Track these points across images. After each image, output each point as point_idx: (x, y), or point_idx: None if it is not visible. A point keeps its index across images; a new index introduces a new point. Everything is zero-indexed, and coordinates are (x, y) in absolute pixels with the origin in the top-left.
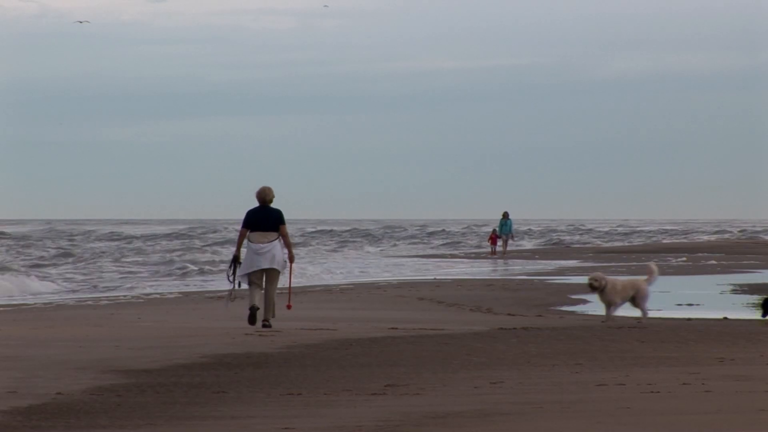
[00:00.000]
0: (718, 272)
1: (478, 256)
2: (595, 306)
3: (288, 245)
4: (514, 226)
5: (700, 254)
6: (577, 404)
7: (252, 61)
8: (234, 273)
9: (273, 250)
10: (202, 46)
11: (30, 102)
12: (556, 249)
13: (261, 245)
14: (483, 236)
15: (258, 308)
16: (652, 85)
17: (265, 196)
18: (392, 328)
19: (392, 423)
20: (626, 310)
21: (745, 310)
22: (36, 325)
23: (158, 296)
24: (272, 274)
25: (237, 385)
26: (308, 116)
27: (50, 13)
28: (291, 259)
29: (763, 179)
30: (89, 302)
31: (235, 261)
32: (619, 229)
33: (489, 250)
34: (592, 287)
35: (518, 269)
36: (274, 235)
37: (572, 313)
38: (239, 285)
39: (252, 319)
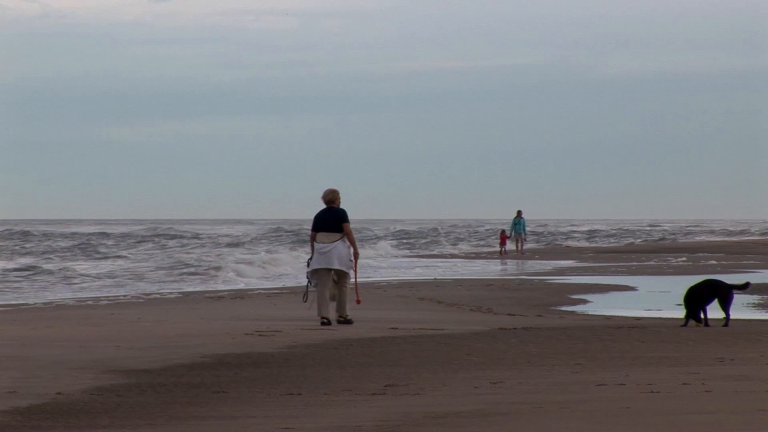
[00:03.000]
0: (718, 272)
1: (478, 256)
2: (595, 306)
3: (352, 243)
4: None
5: (700, 254)
6: (577, 404)
7: (253, 61)
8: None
9: (334, 250)
10: (203, 46)
11: (31, 102)
12: (555, 249)
13: (323, 245)
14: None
15: (327, 318)
16: (652, 85)
17: (326, 197)
18: (392, 328)
19: (392, 423)
20: (627, 310)
21: (745, 310)
22: (36, 325)
23: (158, 296)
24: (339, 273)
25: (237, 385)
26: (309, 116)
27: (52, 14)
28: (356, 256)
29: (763, 179)
30: (89, 302)
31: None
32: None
33: (498, 249)
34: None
35: (518, 269)
36: (337, 235)
37: (572, 313)
38: (312, 285)
39: (325, 325)
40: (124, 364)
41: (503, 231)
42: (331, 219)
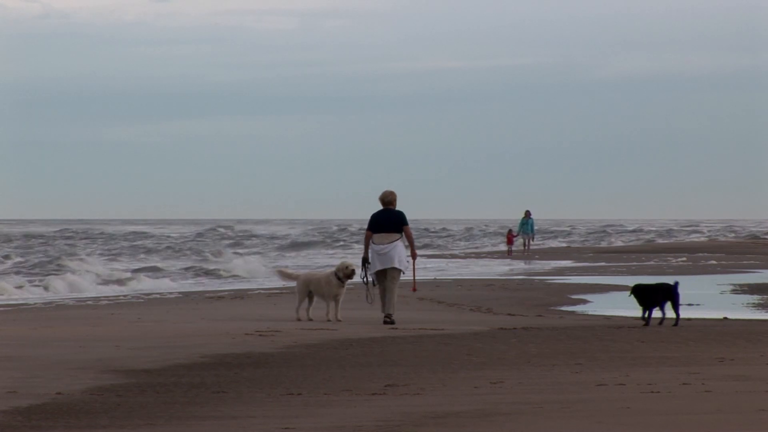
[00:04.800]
0: (718, 272)
1: (478, 255)
2: (595, 306)
3: (411, 244)
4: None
5: (700, 254)
6: (577, 404)
7: (254, 61)
8: (366, 274)
9: (393, 251)
10: (203, 46)
11: (31, 102)
12: (555, 249)
13: (382, 246)
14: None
15: (392, 314)
16: (652, 85)
17: (385, 198)
18: (392, 328)
19: (392, 423)
20: (627, 310)
21: (745, 310)
22: (36, 325)
23: (158, 296)
24: (393, 273)
25: (237, 385)
26: (310, 116)
27: (53, 14)
28: (414, 256)
29: (763, 179)
30: (89, 302)
31: (365, 262)
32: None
33: (506, 249)
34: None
35: (518, 269)
36: (396, 236)
37: (572, 313)
38: (373, 284)
39: (387, 323)
40: (124, 364)
41: (510, 230)
42: (391, 221)
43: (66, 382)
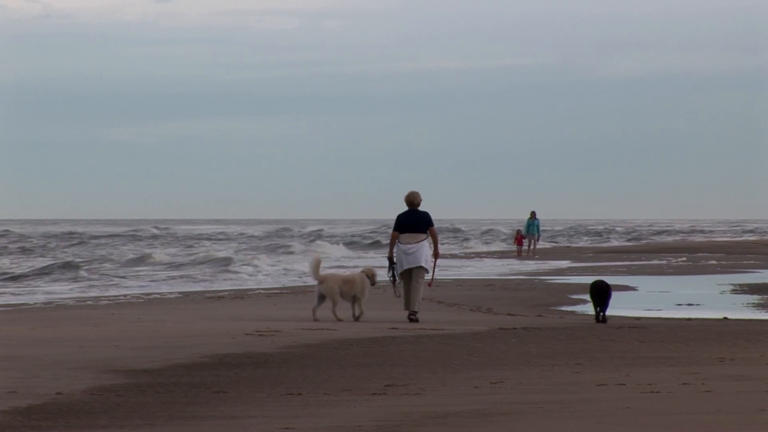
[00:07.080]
0: (718, 272)
1: (478, 255)
2: None
3: (435, 244)
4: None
5: (700, 254)
6: (577, 404)
7: (253, 61)
8: (393, 273)
9: (419, 251)
10: (204, 46)
11: (32, 102)
12: (555, 249)
13: (409, 246)
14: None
15: (416, 312)
16: (652, 85)
17: (413, 199)
18: (392, 328)
19: (392, 423)
20: (627, 310)
21: (745, 310)
22: (36, 325)
23: (158, 296)
24: (418, 271)
25: (237, 385)
26: (310, 116)
27: (54, 14)
28: (436, 255)
29: (763, 179)
30: (89, 302)
31: (391, 262)
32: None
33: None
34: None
35: (518, 269)
36: (423, 236)
37: (572, 313)
38: (399, 282)
39: (412, 321)
40: (124, 364)
41: (519, 231)
42: (419, 221)
43: (66, 382)
